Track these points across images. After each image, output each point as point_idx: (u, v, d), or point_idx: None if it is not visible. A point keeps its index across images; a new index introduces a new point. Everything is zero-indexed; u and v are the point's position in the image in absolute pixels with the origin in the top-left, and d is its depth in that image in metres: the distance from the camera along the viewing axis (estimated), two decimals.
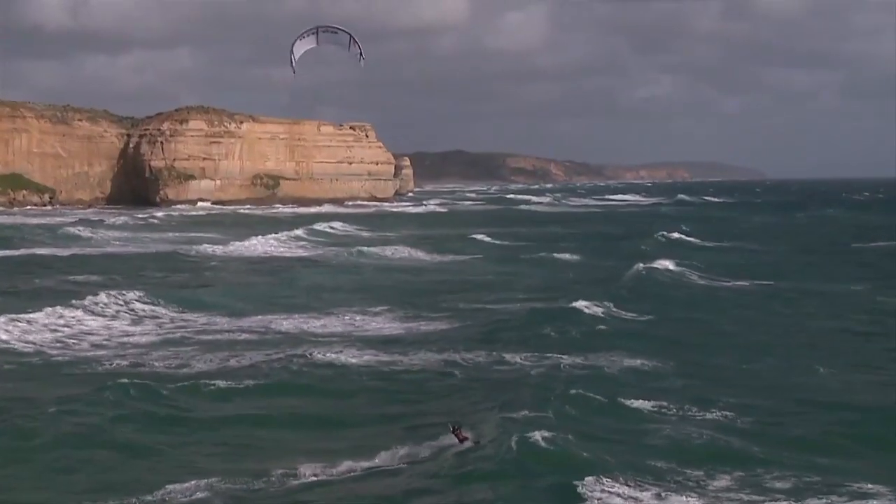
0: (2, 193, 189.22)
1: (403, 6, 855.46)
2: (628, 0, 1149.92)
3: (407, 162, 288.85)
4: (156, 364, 38.44)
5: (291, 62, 63.86)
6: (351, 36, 63.88)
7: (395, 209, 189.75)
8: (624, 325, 47.31)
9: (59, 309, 49.16)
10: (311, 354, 38.93)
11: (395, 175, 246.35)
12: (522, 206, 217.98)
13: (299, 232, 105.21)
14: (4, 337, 43.08)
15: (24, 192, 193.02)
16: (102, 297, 52.63)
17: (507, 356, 38.94)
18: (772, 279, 66.98)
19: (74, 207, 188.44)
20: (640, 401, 31.45)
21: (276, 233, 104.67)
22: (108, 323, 48.53)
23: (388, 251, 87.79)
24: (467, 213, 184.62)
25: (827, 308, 54.22)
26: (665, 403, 31.24)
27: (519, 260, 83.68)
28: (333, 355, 38.90)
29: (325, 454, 26.59)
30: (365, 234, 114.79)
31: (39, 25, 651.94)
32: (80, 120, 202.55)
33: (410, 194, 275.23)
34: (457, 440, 26.76)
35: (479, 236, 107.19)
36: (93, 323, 48.17)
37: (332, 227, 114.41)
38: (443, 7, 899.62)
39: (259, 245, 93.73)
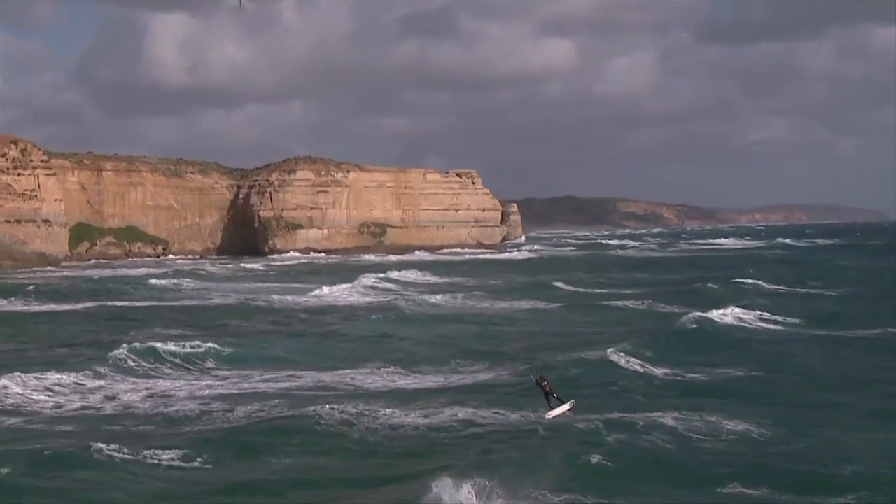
0: (118, 245, 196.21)
1: (509, 54, 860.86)
2: (736, 43, 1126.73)
3: (514, 208, 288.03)
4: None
5: None
6: None
7: (487, 256, 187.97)
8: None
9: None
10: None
11: (503, 221, 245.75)
12: (612, 252, 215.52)
13: (370, 281, 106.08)
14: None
15: (139, 244, 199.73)
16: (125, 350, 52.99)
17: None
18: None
19: (186, 258, 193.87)
20: None
21: (350, 283, 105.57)
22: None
23: (451, 300, 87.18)
24: (558, 260, 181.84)
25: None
26: None
27: (585, 307, 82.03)
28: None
29: None
30: (441, 280, 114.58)
31: (158, 83, 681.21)
32: (191, 172, 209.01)
33: (520, 240, 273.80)
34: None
35: (559, 283, 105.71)
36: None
37: (403, 276, 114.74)
38: (549, 54, 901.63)
39: (328, 294, 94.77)
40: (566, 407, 34.02)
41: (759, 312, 70.08)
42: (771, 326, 65.55)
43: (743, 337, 60.26)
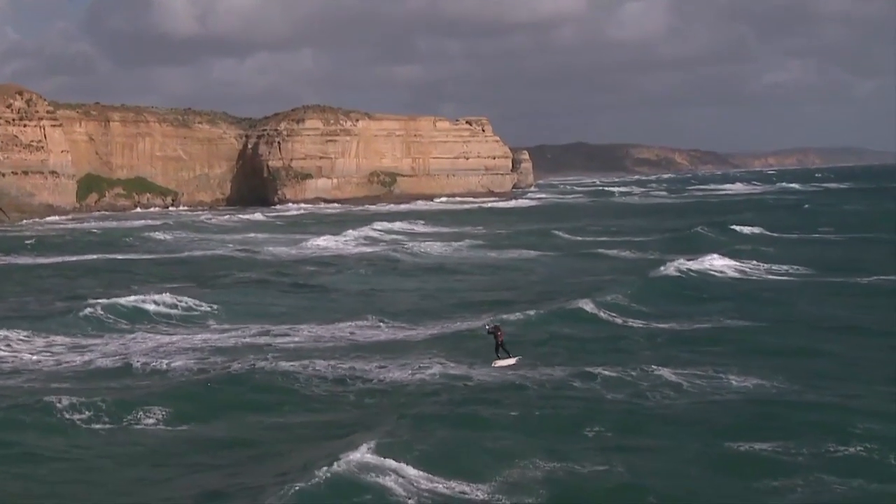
0: (127, 197, 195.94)
1: (522, 0, 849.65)
2: None
3: (526, 156, 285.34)
4: None
5: None
6: None
7: (493, 205, 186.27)
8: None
9: None
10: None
11: (514, 169, 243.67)
12: (616, 199, 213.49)
13: (370, 231, 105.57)
14: None
15: (149, 195, 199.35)
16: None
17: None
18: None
19: (195, 209, 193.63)
20: None
21: (352, 232, 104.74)
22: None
23: (446, 249, 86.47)
24: (562, 207, 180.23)
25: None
26: None
27: (579, 255, 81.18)
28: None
29: None
30: (443, 230, 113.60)
31: (168, 32, 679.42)
32: (200, 123, 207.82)
33: (531, 188, 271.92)
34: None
35: (558, 232, 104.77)
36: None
37: (401, 226, 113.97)
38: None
39: (323, 244, 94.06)
40: (511, 361, 33.51)
41: (752, 261, 68.80)
42: (767, 276, 64.16)
43: (730, 284, 59.35)
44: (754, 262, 68.49)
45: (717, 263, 66.05)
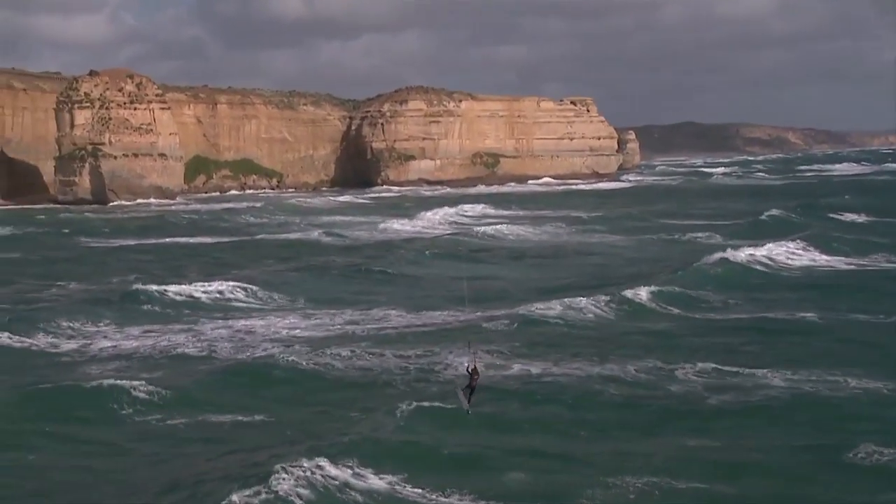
0: (233, 178, 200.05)
1: None
2: None
3: (632, 136, 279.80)
4: None
5: None
6: None
7: (584, 187, 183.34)
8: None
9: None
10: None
11: (620, 149, 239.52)
12: (712, 180, 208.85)
13: (450, 214, 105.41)
14: None
15: (254, 176, 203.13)
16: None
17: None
18: None
19: (300, 190, 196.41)
20: None
21: (434, 212, 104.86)
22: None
23: (524, 232, 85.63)
24: (656, 189, 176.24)
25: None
26: None
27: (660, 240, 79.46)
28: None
29: None
30: (528, 213, 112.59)
31: (277, 16, 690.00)
32: (304, 104, 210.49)
33: (638, 169, 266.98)
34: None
35: (645, 215, 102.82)
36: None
37: (478, 209, 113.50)
38: None
39: (400, 227, 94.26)
40: (466, 405, 30.65)
41: (841, 248, 65.63)
42: (849, 266, 61.18)
43: (809, 273, 57.10)
44: (843, 249, 65.61)
45: (800, 251, 63.57)
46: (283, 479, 23.82)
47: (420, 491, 24.28)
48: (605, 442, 28.19)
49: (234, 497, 22.75)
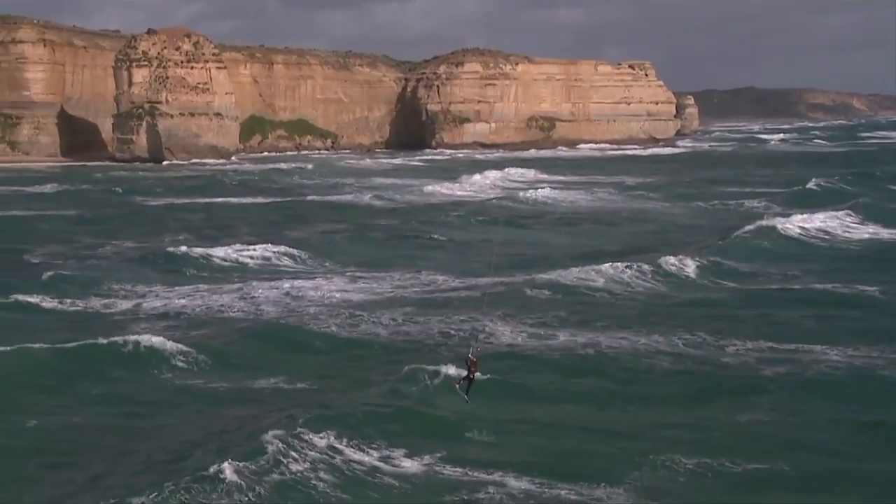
0: (289, 139, 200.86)
1: None
2: None
3: (691, 101, 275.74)
4: None
5: None
6: None
7: (638, 152, 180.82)
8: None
9: None
10: None
11: (678, 114, 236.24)
12: (768, 146, 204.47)
13: (495, 178, 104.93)
14: None
15: (309, 136, 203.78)
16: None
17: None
18: None
19: (354, 151, 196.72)
20: None
21: (479, 175, 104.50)
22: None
23: (568, 197, 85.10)
24: (708, 155, 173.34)
25: None
26: None
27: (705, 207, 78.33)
28: None
29: None
30: (574, 178, 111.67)
31: None
32: (360, 66, 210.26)
33: (695, 135, 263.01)
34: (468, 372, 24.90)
35: (694, 181, 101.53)
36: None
37: (526, 174, 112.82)
38: None
39: (444, 190, 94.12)
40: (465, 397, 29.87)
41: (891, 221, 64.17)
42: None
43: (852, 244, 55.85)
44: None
45: (855, 222, 62.29)
46: (315, 446, 23.76)
47: (460, 469, 23.45)
48: (653, 416, 27.34)
49: (261, 457, 22.66)
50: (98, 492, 21.91)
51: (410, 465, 23.72)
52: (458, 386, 25.19)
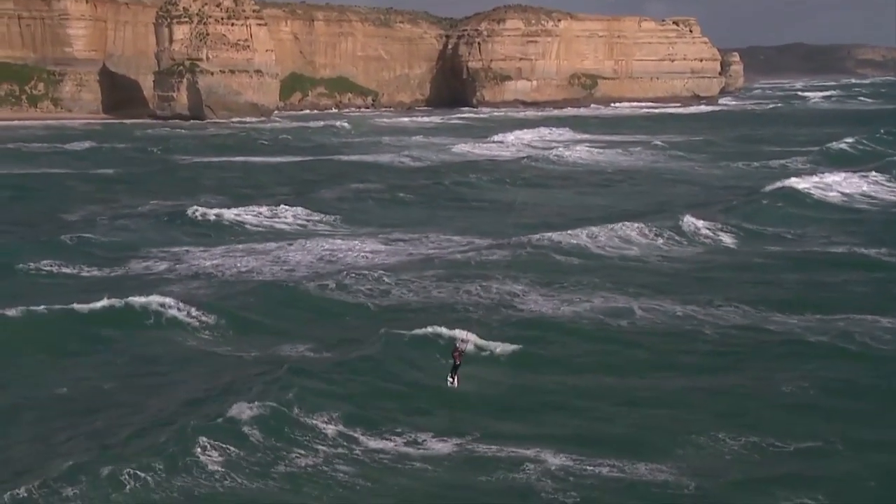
0: (329, 96, 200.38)
1: None
2: None
3: (736, 58, 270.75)
4: None
5: None
6: None
7: (678, 111, 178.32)
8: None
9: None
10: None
11: (723, 72, 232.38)
12: (809, 104, 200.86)
13: (527, 137, 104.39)
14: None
15: (350, 94, 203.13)
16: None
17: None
18: None
19: (395, 109, 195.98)
20: None
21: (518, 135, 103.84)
22: None
23: (599, 156, 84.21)
24: (747, 114, 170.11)
25: None
26: None
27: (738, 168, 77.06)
28: None
29: None
30: (607, 137, 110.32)
31: None
32: (401, 22, 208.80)
33: (741, 92, 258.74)
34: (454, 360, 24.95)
35: (729, 141, 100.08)
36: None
37: (564, 134, 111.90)
38: None
39: (484, 151, 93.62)
40: (454, 384, 29.07)
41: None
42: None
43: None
44: None
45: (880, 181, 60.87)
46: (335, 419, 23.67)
47: (495, 446, 22.45)
48: (694, 388, 26.15)
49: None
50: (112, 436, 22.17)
51: (441, 447, 22.70)
52: (449, 378, 24.78)
